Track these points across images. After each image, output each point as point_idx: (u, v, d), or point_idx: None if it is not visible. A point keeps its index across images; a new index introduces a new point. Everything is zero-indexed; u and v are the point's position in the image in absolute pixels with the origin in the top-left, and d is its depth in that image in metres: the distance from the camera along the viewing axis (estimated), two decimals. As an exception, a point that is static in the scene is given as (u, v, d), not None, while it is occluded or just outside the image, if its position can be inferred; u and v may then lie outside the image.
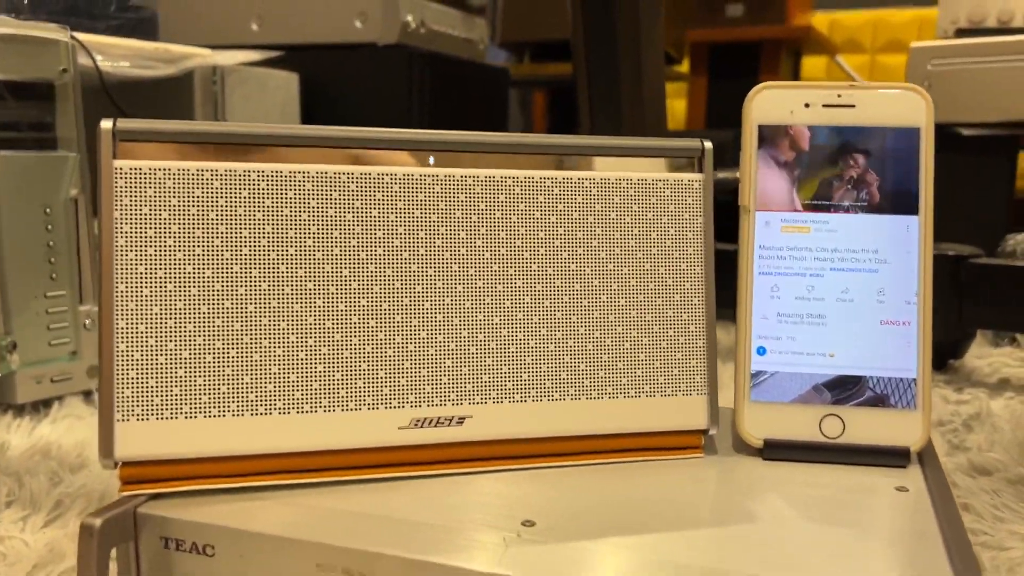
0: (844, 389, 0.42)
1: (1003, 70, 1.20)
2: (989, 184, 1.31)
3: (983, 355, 0.96)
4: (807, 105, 0.43)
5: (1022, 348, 0.97)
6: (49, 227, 0.69)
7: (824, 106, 0.43)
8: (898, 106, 0.43)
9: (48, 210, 0.69)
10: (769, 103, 0.44)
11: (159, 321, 0.36)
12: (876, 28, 2.51)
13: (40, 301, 0.69)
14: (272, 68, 1.02)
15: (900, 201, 0.43)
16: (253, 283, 0.37)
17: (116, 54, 0.81)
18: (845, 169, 0.43)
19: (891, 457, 0.42)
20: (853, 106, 0.43)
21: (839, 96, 0.43)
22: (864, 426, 0.42)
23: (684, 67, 2.17)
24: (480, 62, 1.32)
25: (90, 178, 0.72)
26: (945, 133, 1.25)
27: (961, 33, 1.58)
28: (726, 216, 0.51)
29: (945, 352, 0.92)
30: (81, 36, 0.75)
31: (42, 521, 0.51)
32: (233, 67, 0.93)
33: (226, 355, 0.37)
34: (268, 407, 0.37)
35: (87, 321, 0.72)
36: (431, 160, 0.40)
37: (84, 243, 0.72)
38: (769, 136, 0.43)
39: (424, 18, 1.19)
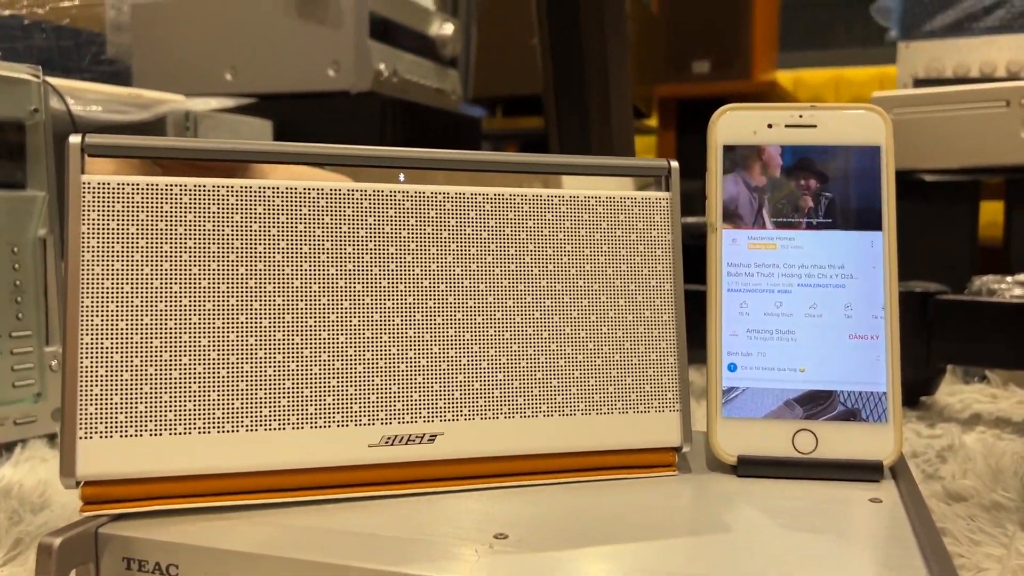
0: (816, 404, 0.43)
1: (963, 118, 1.24)
2: (953, 229, 1.34)
3: (954, 392, 0.96)
4: (770, 125, 0.44)
5: (992, 384, 0.98)
6: (16, 266, 0.68)
7: (787, 126, 0.44)
8: (859, 125, 0.44)
9: (15, 249, 0.68)
10: (733, 123, 0.44)
11: (124, 336, 0.36)
12: (838, 85, 2.59)
13: (5, 341, 0.67)
14: (245, 115, 1.03)
15: (864, 217, 0.44)
16: (221, 299, 0.37)
17: (88, 98, 0.82)
18: (809, 187, 0.44)
19: (864, 471, 0.42)
20: (815, 126, 0.44)
21: (801, 116, 0.44)
22: (836, 441, 0.42)
23: (653, 121, 2.22)
24: (452, 111, 1.34)
25: (59, 219, 0.72)
26: (908, 180, 1.28)
27: (920, 84, 1.63)
28: (696, 260, 0.52)
29: (916, 389, 0.93)
30: (53, 80, 0.76)
31: (0, 560, 0.49)
32: (206, 113, 0.94)
33: (193, 371, 0.37)
34: (235, 424, 0.37)
35: (53, 363, 0.71)
36: (401, 177, 0.40)
37: (52, 283, 0.71)
38: (733, 156, 0.44)
39: (397, 68, 1.21)
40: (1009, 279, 1.08)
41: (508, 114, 2.02)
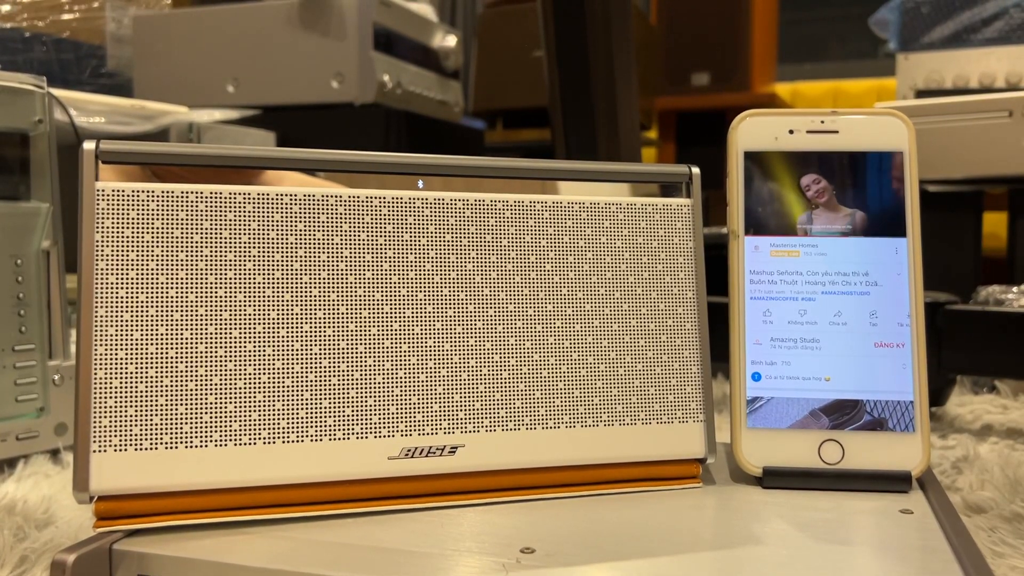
0: (842, 413, 0.42)
1: (966, 128, 1.24)
2: (957, 240, 1.33)
3: (964, 402, 0.96)
4: (791, 131, 0.44)
5: (1002, 395, 0.97)
6: (19, 279, 0.67)
7: (808, 132, 0.44)
8: (881, 131, 0.43)
9: (19, 262, 0.67)
10: (754, 130, 0.44)
11: (139, 347, 0.35)
12: (836, 97, 2.59)
13: (7, 355, 0.66)
14: (249, 126, 1.02)
15: (888, 224, 0.43)
16: (238, 308, 0.36)
17: (91, 110, 0.81)
18: (831, 193, 0.43)
19: (892, 482, 0.41)
20: (837, 132, 0.44)
21: (822, 122, 0.44)
22: (864, 451, 0.41)
23: (653, 133, 2.22)
24: (455, 123, 1.34)
25: (62, 231, 0.71)
26: (912, 190, 1.27)
27: (920, 95, 1.63)
28: (711, 271, 0.51)
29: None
30: (56, 92, 0.75)
31: (6, 578, 0.48)
32: (209, 124, 0.93)
33: (209, 382, 0.36)
34: (252, 437, 0.36)
35: (56, 377, 0.70)
36: (420, 184, 0.39)
37: (55, 296, 0.70)
38: (755, 162, 0.44)
39: (400, 79, 1.21)
40: (1015, 289, 1.07)
41: (508, 127, 2.02)
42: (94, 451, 0.34)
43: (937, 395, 0.92)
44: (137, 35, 1.27)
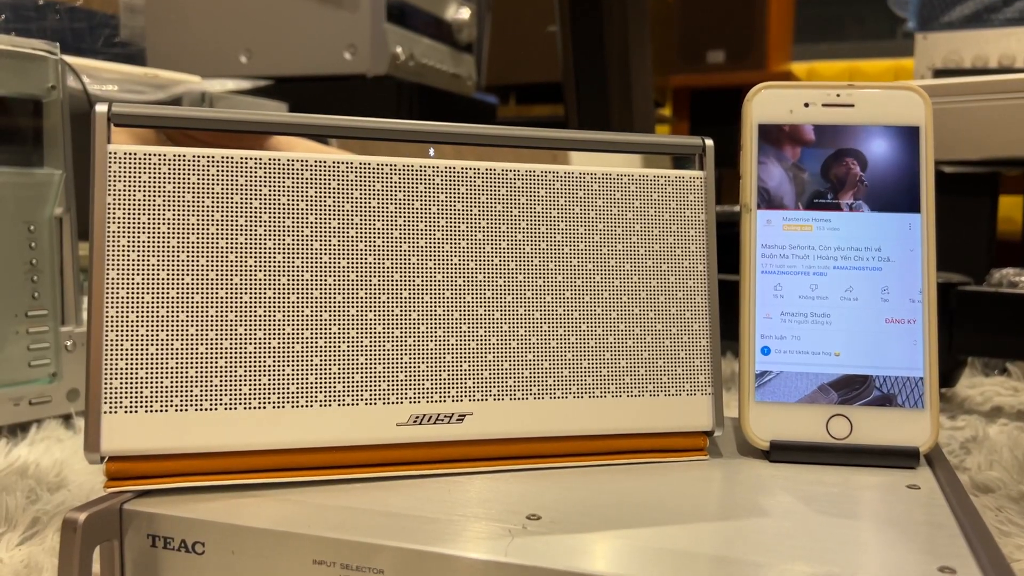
0: (851, 389, 0.42)
1: (983, 108, 1.22)
2: (972, 222, 1.32)
3: (975, 384, 0.95)
4: (807, 104, 0.43)
5: (1013, 377, 0.97)
6: (32, 245, 0.67)
7: (824, 105, 0.43)
8: (897, 105, 0.43)
9: (32, 228, 0.67)
10: (769, 102, 0.43)
11: (150, 310, 0.35)
12: (853, 77, 2.57)
13: (21, 321, 0.67)
14: (261, 97, 1.02)
15: (902, 199, 0.43)
16: (248, 272, 0.36)
17: (104, 78, 0.81)
18: (846, 167, 0.43)
19: (900, 458, 0.41)
20: (852, 105, 0.43)
21: (838, 95, 0.43)
22: (872, 426, 0.41)
23: (667, 111, 2.21)
24: (468, 96, 1.33)
25: (75, 198, 0.71)
26: (927, 170, 1.26)
27: (939, 75, 1.61)
28: (721, 248, 0.50)
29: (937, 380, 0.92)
30: (69, 59, 0.75)
31: (18, 538, 0.49)
32: (222, 94, 0.93)
33: (219, 346, 0.36)
34: (262, 401, 0.36)
35: (68, 343, 0.70)
36: (431, 152, 0.39)
37: (68, 263, 0.70)
38: (769, 135, 0.43)
39: (413, 52, 1.20)
40: (1029, 272, 1.06)
41: (521, 102, 2.01)
42: (105, 412, 0.35)
43: (948, 376, 0.92)
44: (150, 5, 1.27)
